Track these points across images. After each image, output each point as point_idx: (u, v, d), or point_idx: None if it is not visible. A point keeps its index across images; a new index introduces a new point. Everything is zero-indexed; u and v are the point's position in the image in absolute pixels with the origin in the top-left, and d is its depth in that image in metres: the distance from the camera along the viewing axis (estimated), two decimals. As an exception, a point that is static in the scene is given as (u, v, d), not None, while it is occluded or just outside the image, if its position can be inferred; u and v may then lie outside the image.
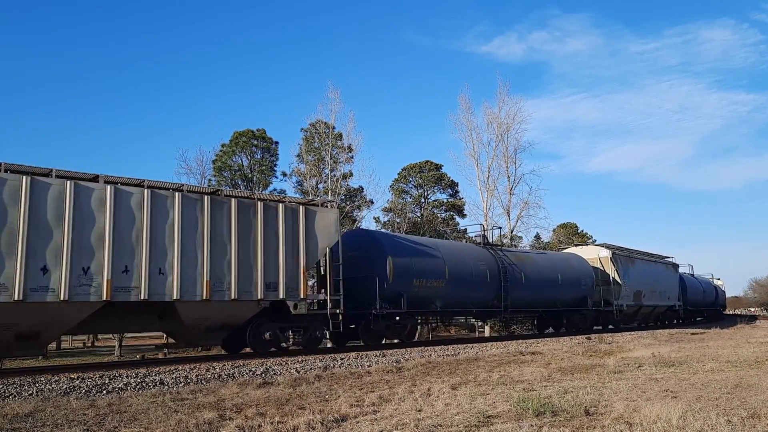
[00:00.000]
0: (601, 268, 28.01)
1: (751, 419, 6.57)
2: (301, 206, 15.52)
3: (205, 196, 13.85)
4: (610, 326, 29.54)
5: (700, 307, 43.44)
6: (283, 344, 15.46)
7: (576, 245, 32.40)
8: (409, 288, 18.21)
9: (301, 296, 14.99)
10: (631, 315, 30.72)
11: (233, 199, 14.28)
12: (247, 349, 15.38)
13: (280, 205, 15.19)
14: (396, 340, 19.47)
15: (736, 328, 30.72)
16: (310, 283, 19.01)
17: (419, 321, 22.20)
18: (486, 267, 21.55)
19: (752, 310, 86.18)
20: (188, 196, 13.62)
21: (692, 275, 42.93)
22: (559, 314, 25.78)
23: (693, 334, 25.64)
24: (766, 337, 22.58)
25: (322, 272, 16.66)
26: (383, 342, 18.91)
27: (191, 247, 13.33)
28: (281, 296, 14.64)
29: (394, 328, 18.75)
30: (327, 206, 16.39)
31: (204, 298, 13.35)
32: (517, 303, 22.81)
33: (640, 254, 32.62)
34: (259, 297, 14.25)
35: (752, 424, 6.33)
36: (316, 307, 16.08)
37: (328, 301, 15.72)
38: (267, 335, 14.84)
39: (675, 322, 37.65)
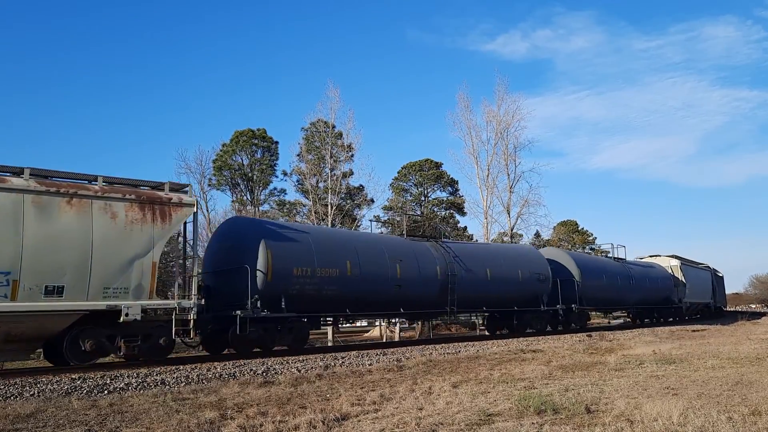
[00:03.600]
0: None
1: (752, 416, 6.57)
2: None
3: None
4: None
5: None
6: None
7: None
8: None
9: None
10: None
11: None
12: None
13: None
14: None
15: (736, 325, 30.72)
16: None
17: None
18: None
19: (753, 306, 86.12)
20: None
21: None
22: None
23: (694, 331, 25.64)
24: (766, 333, 22.57)
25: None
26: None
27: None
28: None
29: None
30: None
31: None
32: None
33: None
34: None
35: (753, 421, 6.33)
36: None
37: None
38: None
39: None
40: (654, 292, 32.94)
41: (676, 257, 37.86)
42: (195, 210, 13.52)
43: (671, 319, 35.44)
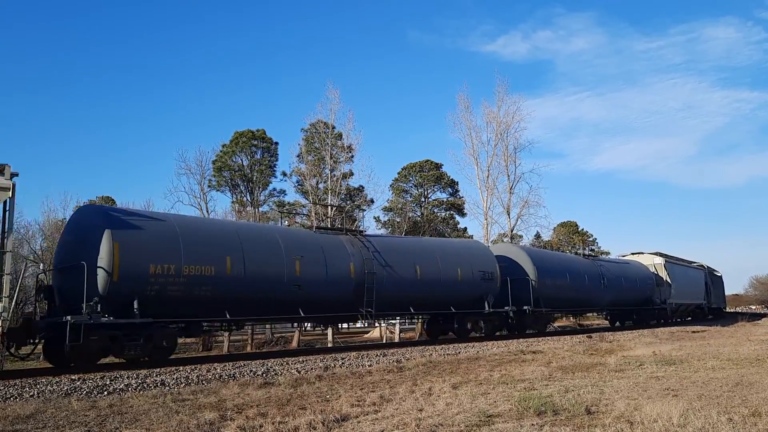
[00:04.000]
0: None
1: (752, 417, 6.57)
2: None
3: None
4: None
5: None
6: None
7: None
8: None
9: None
10: None
11: None
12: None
13: None
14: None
15: (736, 326, 30.70)
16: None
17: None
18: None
19: (753, 307, 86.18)
20: None
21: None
22: None
23: (694, 332, 25.65)
24: (766, 335, 22.57)
25: None
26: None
27: None
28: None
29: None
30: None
31: None
32: None
33: None
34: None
35: (753, 422, 6.33)
36: None
37: None
38: None
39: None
40: (632, 292, 30.24)
41: (661, 255, 35.04)
42: (11, 194, 10.92)
43: (654, 322, 32.49)
